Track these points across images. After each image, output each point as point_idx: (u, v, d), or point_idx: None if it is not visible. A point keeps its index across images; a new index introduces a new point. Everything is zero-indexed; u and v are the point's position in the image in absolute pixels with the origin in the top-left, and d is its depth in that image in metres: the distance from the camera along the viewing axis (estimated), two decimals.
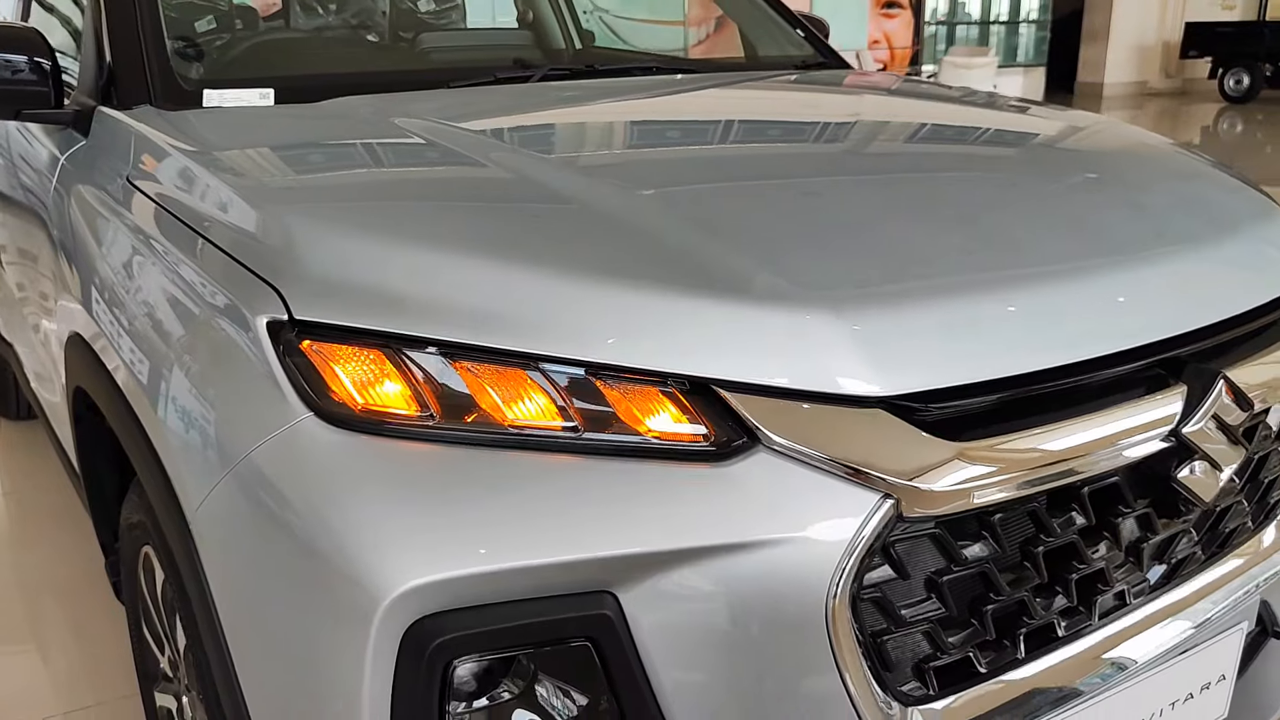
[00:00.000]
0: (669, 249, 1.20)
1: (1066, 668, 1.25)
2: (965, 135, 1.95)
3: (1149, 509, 1.26)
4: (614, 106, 2.06)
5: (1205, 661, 1.43)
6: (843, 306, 1.11)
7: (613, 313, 1.11)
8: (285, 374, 1.11)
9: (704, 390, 1.08)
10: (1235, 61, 15.58)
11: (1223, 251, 1.43)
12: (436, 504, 1.03)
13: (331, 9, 2.92)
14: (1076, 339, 1.20)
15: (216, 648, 1.20)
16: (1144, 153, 1.82)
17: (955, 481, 1.07)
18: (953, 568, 1.12)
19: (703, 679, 1.06)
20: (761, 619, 1.04)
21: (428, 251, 1.19)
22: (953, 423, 1.11)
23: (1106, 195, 1.53)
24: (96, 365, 1.59)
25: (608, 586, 1.03)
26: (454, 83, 2.04)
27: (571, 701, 1.07)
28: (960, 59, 11.62)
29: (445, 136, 1.63)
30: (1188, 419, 1.22)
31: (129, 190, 1.64)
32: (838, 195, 1.45)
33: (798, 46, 2.63)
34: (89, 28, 2.00)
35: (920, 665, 1.15)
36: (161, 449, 1.31)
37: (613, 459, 1.06)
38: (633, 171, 1.58)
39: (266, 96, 1.88)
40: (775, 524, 1.03)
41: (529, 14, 3.33)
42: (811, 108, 2.18)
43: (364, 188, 1.51)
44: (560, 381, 1.09)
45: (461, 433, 1.07)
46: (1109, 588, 1.26)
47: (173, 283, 1.39)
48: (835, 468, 1.05)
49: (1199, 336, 1.30)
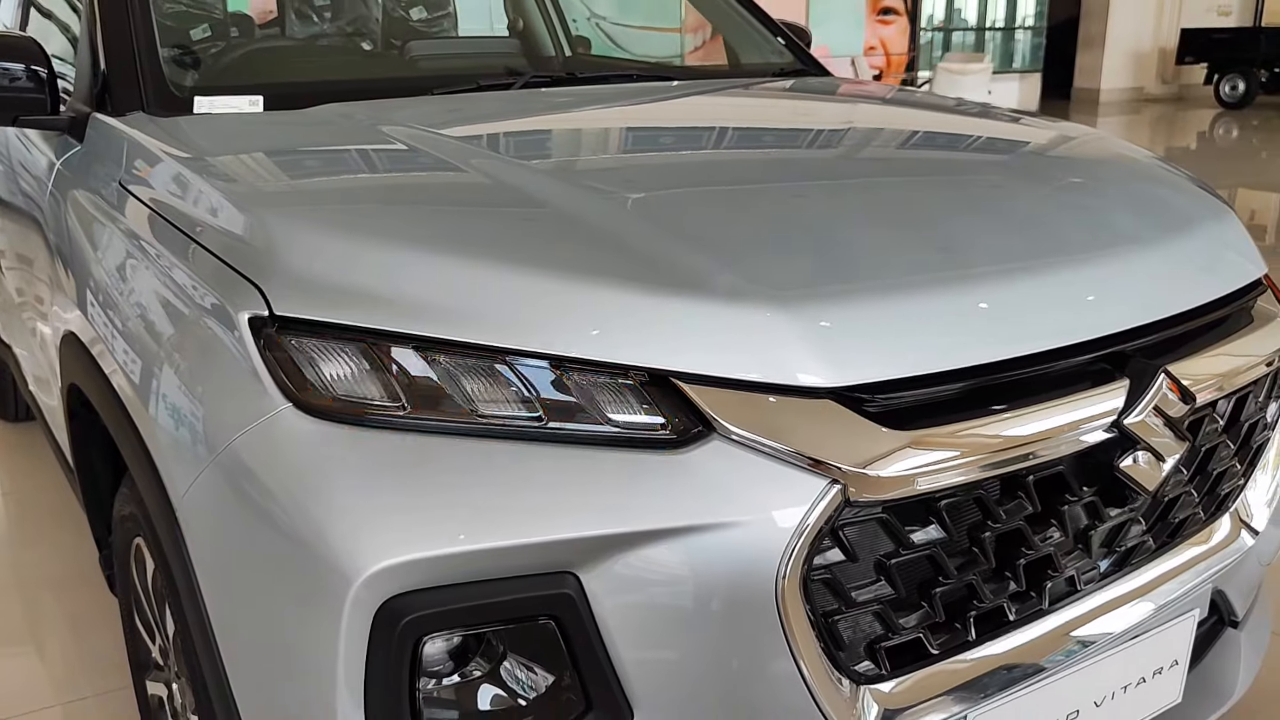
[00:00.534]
0: (632, 249, 1.26)
1: (1017, 650, 1.30)
2: (927, 141, 2.01)
3: (1095, 498, 1.31)
4: (591, 114, 2.12)
5: (1156, 647, 1.48)
6: (794, 304, 1.17)
7: (577, 309, 1.17)
8: (265, 367, 1.17)
9: (663, 382, 1.14)
10: (1231, 67, 15.64)
11: (1169, 251, 1.49)
12: (407, 489, 1.08)
13: (326, 16, 2.98)
14: (1020, 335, 1.25)
15: (202, 630, 1.26)
16: (1101, 157, 1.88)
17: (899, 469, 1.13)
18: (901, 551, 1.18)
19: (661, 656, 1.12)
20: (716, 599, 1.10)
21: (402, 251, 1.25)
22: (900, 413, 1.17)
23: (1059, 198, 1.58)
24: (89, 362, 1.65)
25: (569, 567, 1.08)
26: (437, 90, 2.10)
27: (536, 677, 1.13)
28: (955, 65, 11.69)
29: (426, 143, 1.68)
30: (1129, 411, 1.27)
31: (122, 194, 1.70)
32: (798, 199, 1.51)
33: (778, 54, 2.69)
34: (84, 36, 2.06)
35: (873, 645, 1.21)
36: (150, 441, 1.37)
37: (575, 447, 1.12)
38: (604, 176, 1.64)
39: (256, 103, 1.93)
40: (728, 508, 1.09)
41: (519, 22, 3.39)
42: (782, 115, 2.25)
43: (345, 191, 1.57)
44: (526, 374, 1.15)
45: (432, 422, 1.12)
46: (1058, 573, 1.32)
47: (162, 282, 1.45)
48: (786, 455, 1.11)
49: (1144, 332, 1.36)
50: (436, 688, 1.12)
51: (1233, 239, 1.63)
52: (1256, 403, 1.54)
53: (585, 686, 1.12)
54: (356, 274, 1.21)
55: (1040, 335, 1.27)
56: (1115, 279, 1.38)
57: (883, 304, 1.21)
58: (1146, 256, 1.45)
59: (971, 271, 1.30)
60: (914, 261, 1.30)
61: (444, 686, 1.12)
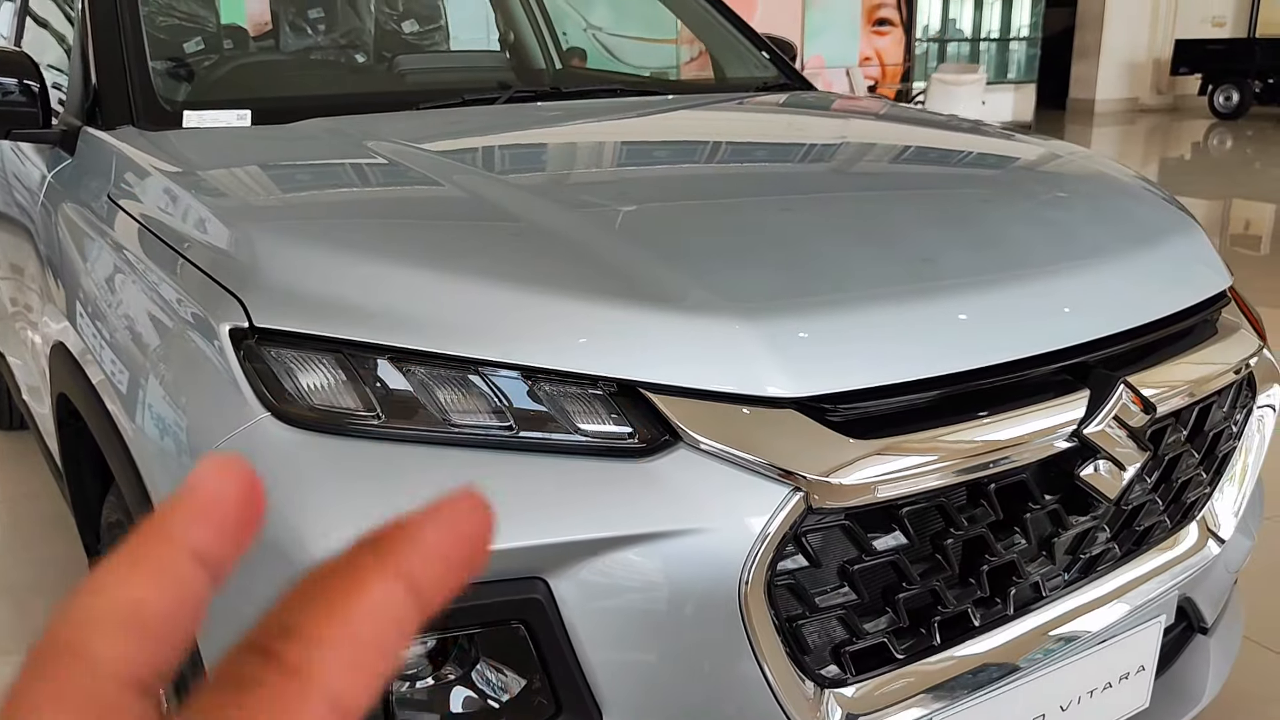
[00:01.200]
0: (604, 263, 1.29)
1: (983, 655, 1.33)
2: (900, 156, 2.04)
3: (1059, 505, 1.34)
4: (572, 128, 2.16)
5: (1123, 653, 1.51)
6: (758, 316, 1.20)
7: (549, 322, 1.20)
8: (245, 377, 1.20)
9: (631, 392, 1.17)
10: (1225, 78, 15.72)
11: (1132, 264, 1.52)
12: (380, 496, 1.11)
13: (320, 29, 3.01)
14: (982, 347, 1.28)
15: None
16: (1070, 172, 1.91)
17: (861, 477, 1.16)
18: (864, 558, 1.21)
19: (629, 659, 1.15)
20: (682, 603, 1.13)
21: (379, 265, 1.28)
22: (863, 422, 1.20)
23: (1024, 212, 1.62)
24: (78, 372, 1.68)
25: (539, 573, 1.11)
26: (423, 104, 2.13)
27: (507, 680, 1.15)
28: (949, 76, 11.75)
29: (408, 157, 1.72)
30: (1089, 421, 1.30)
31: (110, 207, 1.73)
32: (770, 214, 1.54)
33: (763, 68, 2.73)
34: (76, 50, 2.09)
35: (838, 650, 1.24)
36: (135, 449, 1.40)
37: (545, 455, 1.15)
38: (580, 191, 1.68)
39: (244, 118, 1.97)
40: (693, 515, 1.12)
41: (510, 35, 3.43)
42: (759, 130, 2.28)
43: (327, 205, 1.60)
44: (499, 384, 1.18)
45: (406, 431, 1.15)
46: (1023, 579, 1.35)
47: (148, 295, 1.48)
48: (750, 464, 1.14)
49: (1105, 344, 1.39)
50: (410, 690, 1.15)
51: (1197, 252, 1.66)
52: (1221, 413, 1.57)
53: (555, 689, 1.15)
54: (335, 286, 1.25)
55: (1002, 347, 1.30)
56: (1077, 292, 1.42)
57: (846, 316, 1.25)
58: (1109, 270, 1.48)
59: (934, 284, 1.34)
60: (878, 275, 1.34)
61: (417, 689, 1.15)
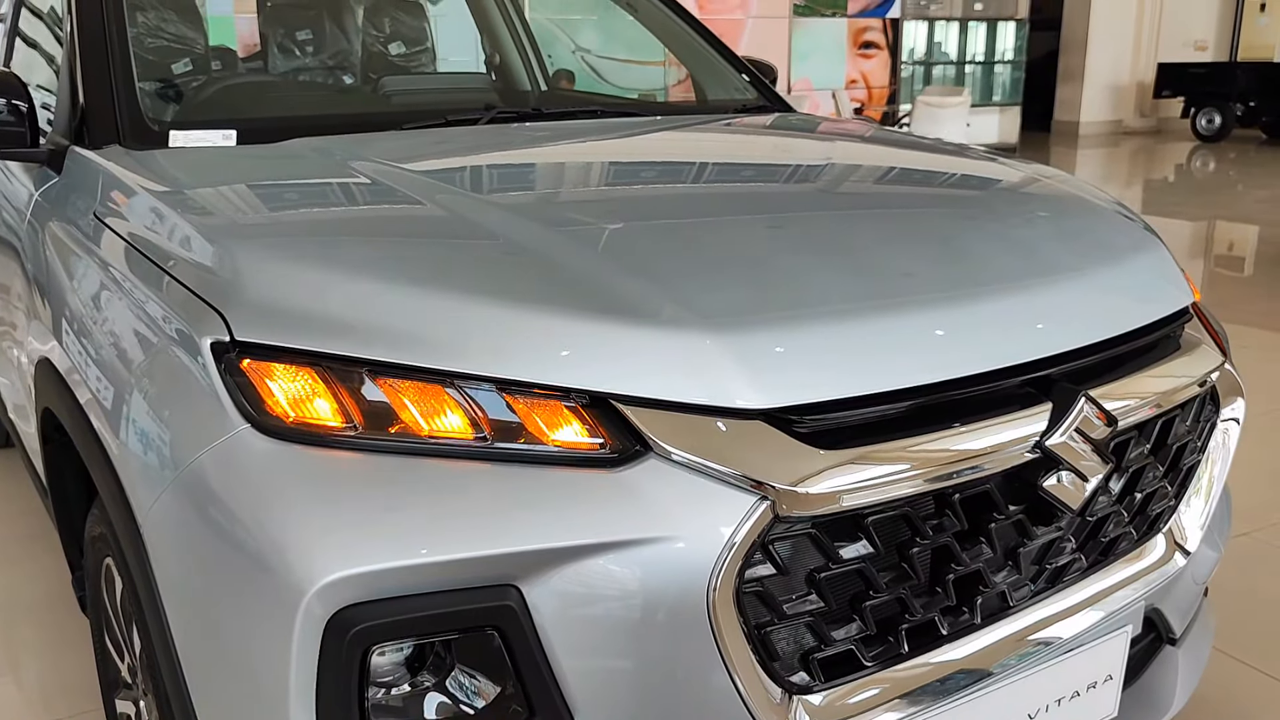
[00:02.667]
0: (577, 279, 1.32)
1: (950, 663, 1.36)
2: (872, 175, 2.08)
3: (1023, 516, 1.37)
4: (551, 149, 2.20)
5: (1090, 662, 1.54)
6: (727, 330, 1.24)
7: (523, 336, 1.23)
8: (225, 389, 1.23)
9: (602, 404, 1.20)
10: (1207, 101, 15.89)
11: (1095, 280, 1.56)
12: (358, 506, 1.14)
13: (308, 51, 3.05)
14: (945, 361, 1.32)
15: (164, 644, 1.30)
16: (1039, 192, 1.95)
17: (826, 486, 1.19)
18: (830, 566, 1.24)
19: (600, 665, 1.17)
20: (652, 610, 1.15)
21: (358, 281, 1.31)
22: (829, 434, 1.23)
23: (991, 229, 1.66)
24: (63, 387, 1.70)
25: (512, 580, 1.14)
26: (407, 124, 2.17)
27: (481, 686, 1.18)
28: (934, 98, 11.86)
29: (390, 177, 1.75)
30: (1051, 433, 1.34)
31: (97, 226, 1.76)
32: (739, 231, 1.58)
33: (743, 90, 2.78)
34: (64, 71, 2.12)
35: (806, 657, 1.27)
36: (117, 462, 1.42)
37: (519, 465, 1.18)
38: (556, 210, 1.71)
39: (229, 137, 2.00)
40: (663, 523, 1.15)
41: (496, 58, 3.48)
42: (734, 151, 2.33)
43: (308, 223, 1.63)
44: (474, 396, 1.21)
45: (383, 442, 1.18)
46: (989, 589, 1.37)
47: (133, 311, 1.51)
48: (719, 473, 1.17)
49: (1068, 358, 1.43)
50: (385, 697, 1.17)
51: (1161, 269, 1.70)
52: (1184, 426, 1.61)
53: (528, 694, 1.17)
54: (314, 301, 1.28)
55: (966, 361, 1.33)
56: (1042, 307, 1.45)
57: (813, 330, 1.28)
58: (1073, 286, 1.52)
59: (900, 300, 1.37)
60: (845, 290, 1.37)
61: (392, 696, 1.17)
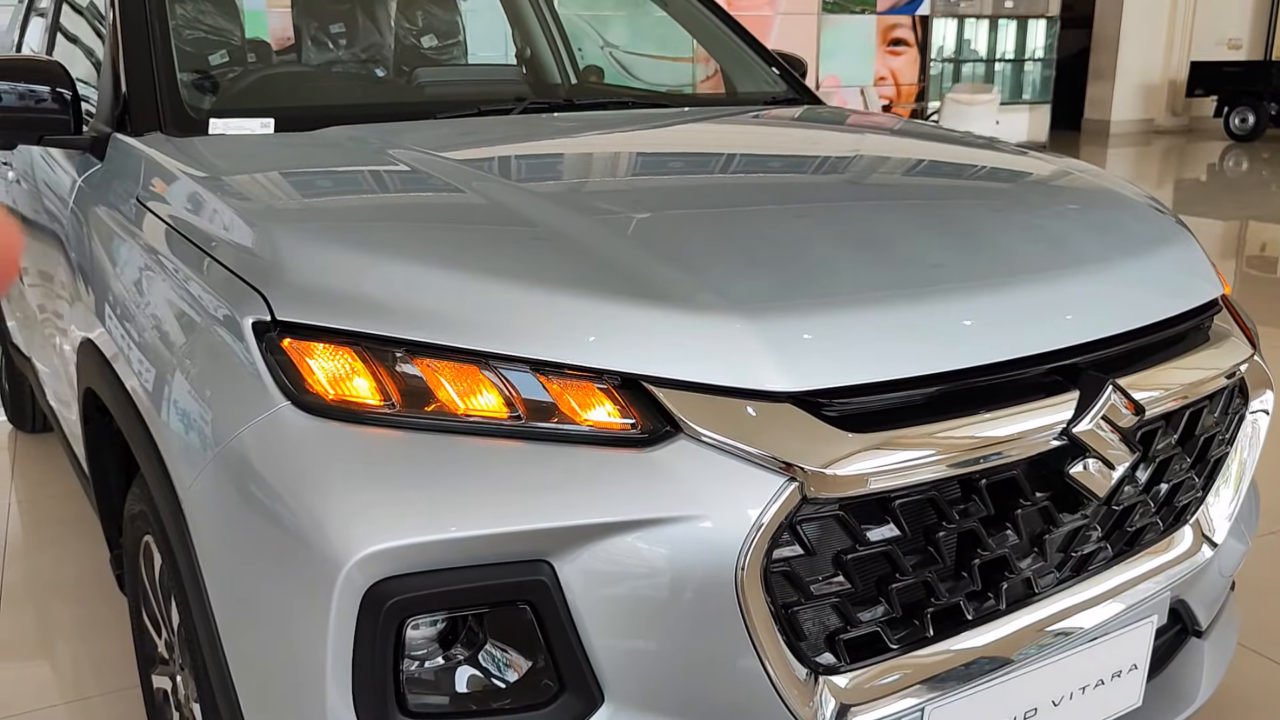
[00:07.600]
0: (611, 264, 1.34)
1: (975, 648, 1.37)
2: (901, 166, 2.09)
3: (1049, 503, 1.38)
4: (584, 138, 2.22)
5: (1114, 651, 1.54)
6: (758, 314, 1.26)
7: (557, 318, 1.25)
8: (267, 368, 1.26)
9: (634, 385, 1.22)
10: (1241, 100, 15.71)
11: (1124, 271, 1.57)
12: (395, 481, 1.17)
13: (341, 44, 3.09)
14: (974, 347, 1.33)
15: (204, 618, 1.34)
16: (1070, 185, 1.96)
17: (854, 469, 1.20)
18: (857, 548, 1.25)
19: (629, 641, 1.19)
20: (679, 588, 1.18)
21: (396, 263, 1.34)
22: (857, 417, 1.25)
23: (1021, 220, 1.66)
24: (105, 368, 1.74)
25: (544, 555, 1.16)
26: (440, 114, 2.20)
27: (512, 659, 1.20)
28: (963, 96, 11.80)
29: (427, 164, 1.78)
30: (1078, 421, 1.35)
31: (140, 210, 1.80)
32: (770, 220, 1.60)
33: (772, 83, 2.79)
34: (107, 61, 2.17)
35: (832, 638, 1.28)
36: (160, 440, 1.46)
37: (552, 444, 1.20)
38: (591, 197, 1.74)
39: (267, 125, 2.04)
40: (692, 503, 1.17)
41: (527, 51, 3.51)
42: (764, 141, 2.34)
43: (347, 208, 1.66)
44: (509, 376, 1.23)
45: (420, 420, 1.21)
46: (1015, 575, 1.39)
47: (176, 292, 1.54)
48: (748, 454, 1.19)
49: (1096, 347, 1.43)
50: (419, 670, 1.20)
51: (1190, 261, 1.71)
52: (1212, 417, 1.61)
53: (559, 668, 1.19)
54: (354, 283, 1.30)
55: (994, 347, 1.34)
56: (1069, 297, 1.46)
57: (842, 315, 1.30)
58: (1101, 276, 1.53)
59: (929, 287, 1.38)
60: (874, 278, 1.39)
61: (425, 669, 1.20)
